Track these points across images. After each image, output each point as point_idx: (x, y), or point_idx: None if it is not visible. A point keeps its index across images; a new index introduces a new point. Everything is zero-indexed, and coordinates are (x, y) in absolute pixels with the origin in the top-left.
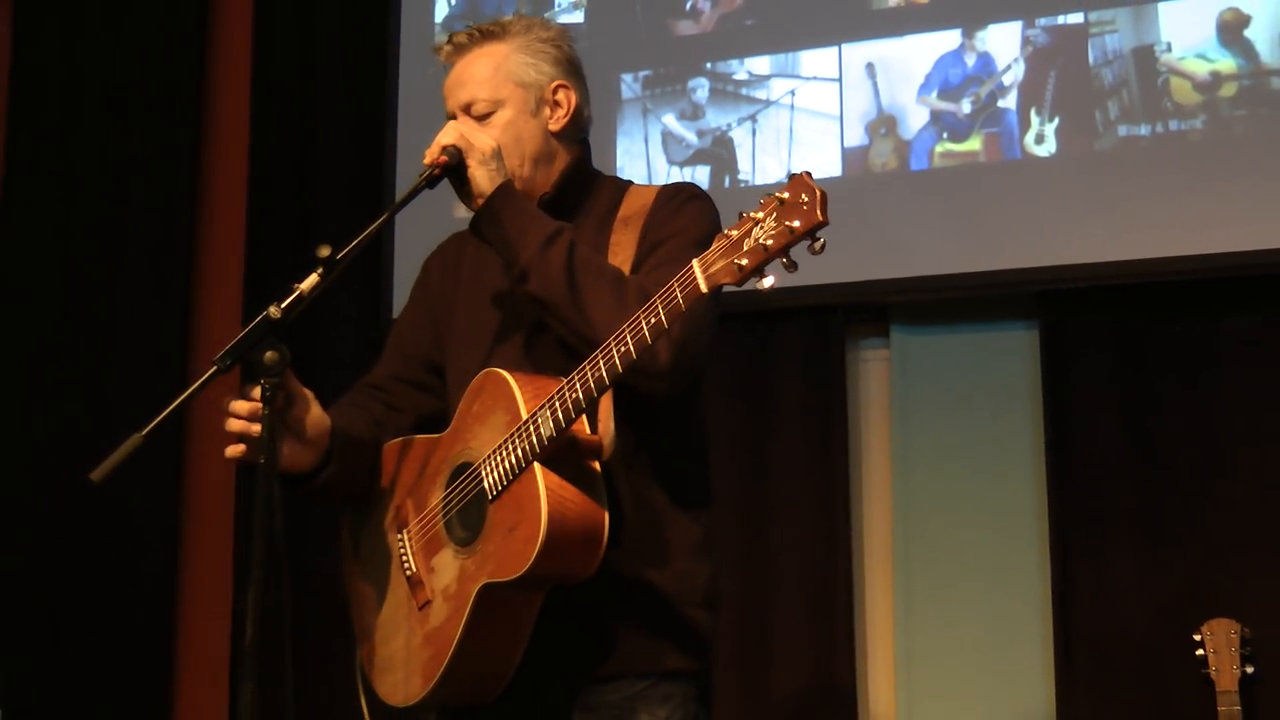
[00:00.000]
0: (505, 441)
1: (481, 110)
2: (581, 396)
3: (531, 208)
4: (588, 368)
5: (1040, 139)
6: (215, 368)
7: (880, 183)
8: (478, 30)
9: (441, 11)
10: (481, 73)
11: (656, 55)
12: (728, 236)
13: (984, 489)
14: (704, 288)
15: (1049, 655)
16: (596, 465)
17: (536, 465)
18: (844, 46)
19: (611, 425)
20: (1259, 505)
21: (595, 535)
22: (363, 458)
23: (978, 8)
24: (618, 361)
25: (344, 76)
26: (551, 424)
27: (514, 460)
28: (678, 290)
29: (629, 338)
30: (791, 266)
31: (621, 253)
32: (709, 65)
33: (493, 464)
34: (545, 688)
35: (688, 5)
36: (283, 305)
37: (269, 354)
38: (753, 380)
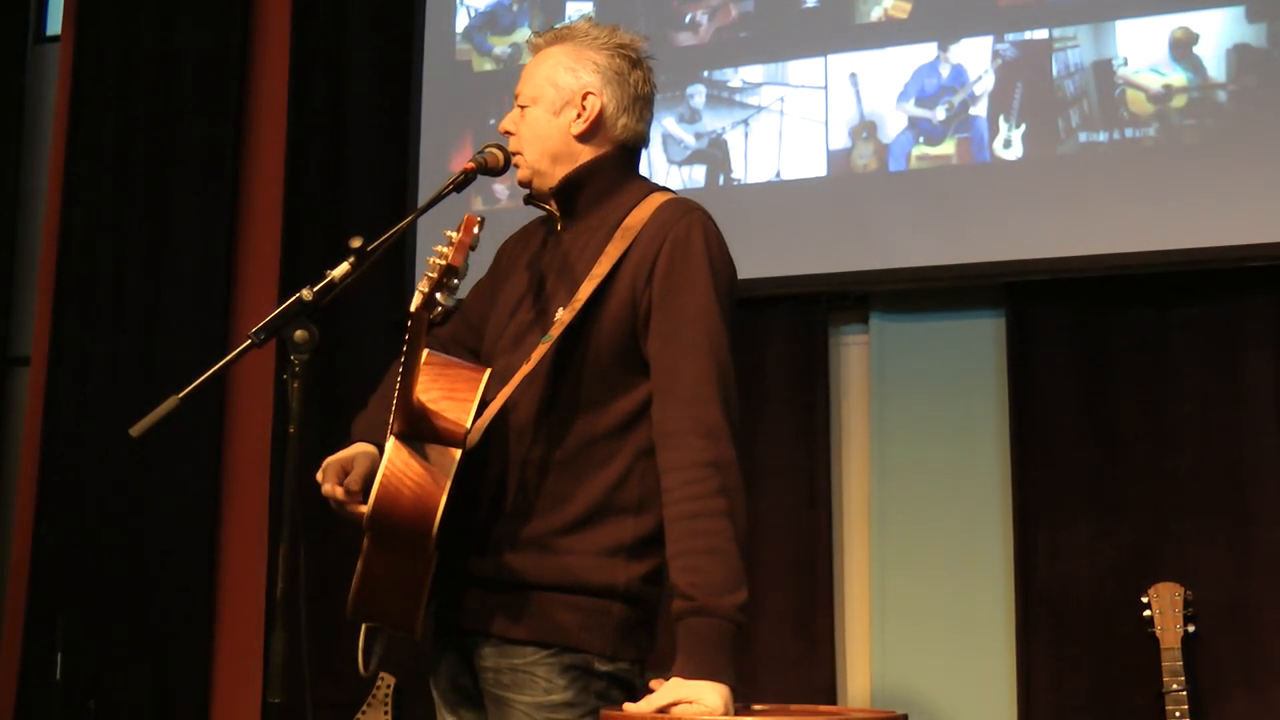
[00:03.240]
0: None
1: (522, 103)
2: (402, 375)
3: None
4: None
5: (1008, 144)
6: (250, 341)
7: (861, 182)
8: (552, 32)
9: (462, 22)
10: (533, 70)
11: (657, 64)
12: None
13: (953, 461)
14: (411, 309)
15: (1011, 612)
16: (453, 451)
17: (390, 440)
18: (829, 57)
19: (490, 418)
20: (1202, 479)
21: (427, 514)
22: None
23: (952, 23)
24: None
25: (372, 79)
26: (394, 399)
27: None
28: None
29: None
30: (447, 303)
31: (607, 262)
32: (706, 73)
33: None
34: (472, 638)
35: (686, 18)
36: (315, 289)
37: (299, 332)
38: (744, 361)
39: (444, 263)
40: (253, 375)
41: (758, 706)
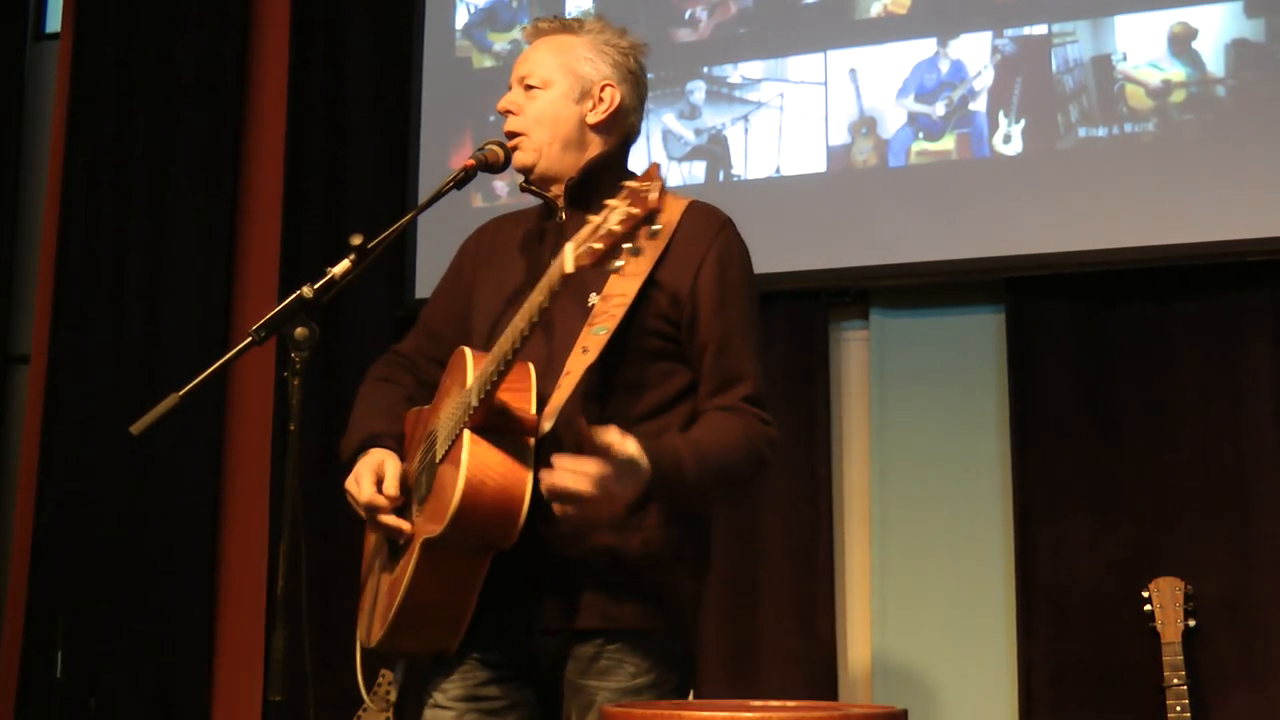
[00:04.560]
0: (454, 409)
1: (531, 83)
2: (492, 370)
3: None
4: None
5: (1007, 139)
6: (251, 339)
7: (861, 178)
8: (559, 21)
9: (461, 19)
10: (544, 55)
11: (657, 60)
12: (590, 222)
13: (954, 457)
14: (568, 269)
15: (1011, 607)
16: (530, 440)
17: (466, 433)
18: (829, 53)
19: (560, 404)
20: (1202, 473)
21: (514, 504)
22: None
23: (951, 19)
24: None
25: (371, 76)
26: (476, 394)
27: (453, 426)
28: (549, 277)
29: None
30: (633, 251)
31: (645, 262)
32: (705, 69)
33: (444, 430)
34: (535, 642)
35: (686, 14)
36: (315, 286)
37: (300, 329)
38: None
39: (639, 211)
40: (253, 373)
41: (755, 703)
